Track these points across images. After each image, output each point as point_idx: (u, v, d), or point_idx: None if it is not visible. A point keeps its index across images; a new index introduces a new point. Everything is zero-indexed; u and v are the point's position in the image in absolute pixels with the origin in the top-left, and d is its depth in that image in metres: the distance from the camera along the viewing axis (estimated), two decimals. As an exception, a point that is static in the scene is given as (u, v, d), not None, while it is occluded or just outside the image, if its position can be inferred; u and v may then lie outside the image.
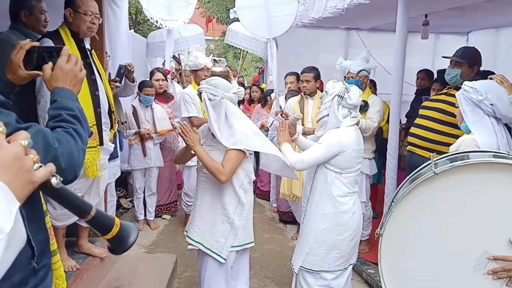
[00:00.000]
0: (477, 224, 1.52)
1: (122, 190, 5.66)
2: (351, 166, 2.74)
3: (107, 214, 1.20)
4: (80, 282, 2.80)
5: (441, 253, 1.58)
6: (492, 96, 2.29)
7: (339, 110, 2.71)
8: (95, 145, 2.79)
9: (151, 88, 4.71)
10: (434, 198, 1.62)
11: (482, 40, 6.51)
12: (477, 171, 1.55)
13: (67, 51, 1.45)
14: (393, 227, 1.67)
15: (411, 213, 1.65)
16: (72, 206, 1.09)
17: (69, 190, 1.07)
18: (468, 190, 1.56)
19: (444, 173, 1.58)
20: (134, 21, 9.30)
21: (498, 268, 1.47)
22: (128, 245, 1.20)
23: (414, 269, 1.65)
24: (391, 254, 1.69)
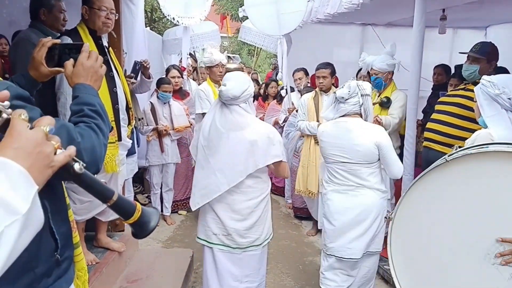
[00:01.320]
0: (487, 213, 1.51)
1: (138, 186, 5.73)
2: (325, 156, 2.90)
3: (129, 200, 1.23)
4: (99, 276, 2.86)
5: (450, 241, 1.58)
6: (510, 90, 2.26)
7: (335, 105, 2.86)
8: (114, 140, 2.83)
9: (169, 85, 4.76)
10: (445, 185, 1.61)
11: (501, 34, 6.40)
12: (489, 160, 1.54)
13: (88, 47, 1.48)
14: (404, 212, 1.68)
15: (421, 199, 1.65)
16: (95, 191, 1.12)
17: (92, 176, 1.10)
18: (479, 179, 1.54)
19: (456, 160, 1.57)
20: (149, 19, 9.38)
21: (506, 251, 1.46)
22: (149, 230, 1.24)
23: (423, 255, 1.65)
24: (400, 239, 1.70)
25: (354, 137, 2.74)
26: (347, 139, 2.75)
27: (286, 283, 3.74)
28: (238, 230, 2.68)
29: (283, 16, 5.33)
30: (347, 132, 2.76)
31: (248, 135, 2.61)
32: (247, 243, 2.72)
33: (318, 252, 4.34)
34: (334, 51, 6.96)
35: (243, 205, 2.67)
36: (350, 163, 2.76)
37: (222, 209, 2.68)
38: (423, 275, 1.65)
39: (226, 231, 2.70)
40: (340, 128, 2.80)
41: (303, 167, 4.64)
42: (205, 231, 2.77)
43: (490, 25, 6.68)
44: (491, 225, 1.49)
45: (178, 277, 3.34)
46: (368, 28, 6.82)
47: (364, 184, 2.78)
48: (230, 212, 2.68)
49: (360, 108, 2.80)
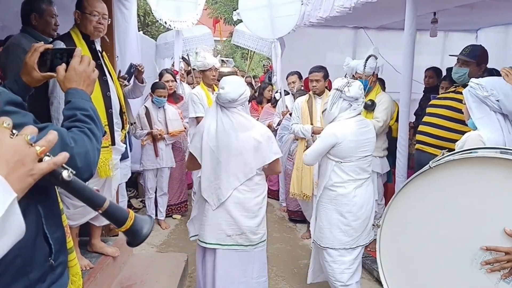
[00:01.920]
0: (473, 218, 1.52)
1: (132, 191, 5.71)
2: (349, 156, 2.95)
3: (121, 207, 1.23)
4: (93, 281, 2.85)
5: (438, 245, 1.59)
6: (498, 92, 2.29)
7: (338, 104, 2.94)
8: (108, 145, 2.83)
9: (163, 90, 4.76)
10: (430, 191, 1.63)
11: (492, 37, 6.47)
12: (472, 165, 1.55)
13: (80, 52, 1.49)
14: (392, 219, 1.69)
15: (408, 206, 1.67)
16: (85, 198, 1.13)
17: (82, 182, 1.10)
18: (463, 184, 1.56)
19: (440, 167, 1.59)
20: (142, 23, 9.37)
21: (491, 259, 1.47)
22: (142, 238, 1.23)
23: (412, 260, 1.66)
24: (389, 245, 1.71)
25: (369, 131, 3.04)
26: (370, 134, 3.03)
27: (281, 286, 3.75)
28: (251, 227, 2.80)
29: (277, 20, 5.37)
30: (365, 128, 3.01)
31: (254, 135, 2.77)
32: (258, 239, 2.84)
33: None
34: (327, 54, 6.99)
35: (253, 202, 2.81)
36: (369, 156, 3.05)
37: (236, 209, 2.78)
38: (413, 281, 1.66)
39: (241, 230, 2.79)
40: (362, 126, 3.00)
41: (298, 170, 4.65)
42: (217, 234, 2.81)
43: (480, 28, 6.74)
44: (476, 231, 1.51)
45: (172, 281, 3.34)
46: (361, 31, 6.87)
47: (370, 172, 3.12)
48: (243, 210, 2.79)
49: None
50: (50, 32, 2.98)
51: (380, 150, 4.17)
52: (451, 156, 1.64)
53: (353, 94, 2.88)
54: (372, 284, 3.74)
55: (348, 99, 2.90)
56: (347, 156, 2.94)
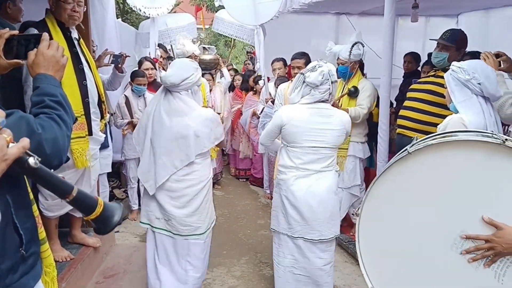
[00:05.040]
0: (453, 203, 1.50)
1: (115, 181, 5.64)
2: (294, 141, 2.83)
3: (90, 195, 1.20)
4: (74, 272, 2.82)
5: (418, 232, 1.56)
6: (479, 75, 2.29)
7: (301, 88, 2.84)
8: (84, 135, 2.79)
9: (143, 78, 4.67)
10: (409, 177, 1.61)
11: (472, 22, 6.49)
12: (450, 149, 1.53)
13: (47, 37, 1.44)
14: (370, 206, 1.67)
15: (387, 192, 1.64)
16: (53, 186, 1.10)
17: (48, 170, 1.08)
18: (442, 169, 1.53)
19: (418, 152, 1.57)
20: (121, 10, 9.19)
21: (472, 248, 1.47)
22: (112, 225, 1.21)
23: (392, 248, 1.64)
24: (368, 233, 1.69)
25: (330, 123, 2.82)
26: (323, 124, 2.81)
27: (265, 272, 3.76)
28: (177, 217, 2.78)
29: (260, 6, 5.31)
30: (323, 117, 2.82)
31: (191, 121, 2.70)
32: (187, 231, 2.79)
33: (296, 241, 4.37)
34: (311, 40, 6.95)
35: (182, 192, 2.77)
36: (322, 147, 2.83)
37: (162, 195, 2.77)
38: (393, 269, 1.64)
39: (168, 216, 2.79)
40: (314, 114, 2.82)
41: (280, 157, 4.64)
42: (147, 215, 2.86)
43: (461, 13, 6.76)
44: (455, 215, 1.49)
45: (155, 270, 3.31)
46: (343, 17, 6.83)
47: (329, 166, 2.89)
48: (170, 199, 2.77)
49: (329, 95, 2.87)
50: (20, 18, 2.91)
51: (361, 136, 4.18)
52: (430, 140, 1.63)
53: (311, 80, 2.76)
54: (355, 267, 3.78)
55: (309, 84, 2.79)
56: (291, 141, 2.85)
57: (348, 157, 4.12)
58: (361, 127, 4.17)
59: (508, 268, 1.40)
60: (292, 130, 2.80)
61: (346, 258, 3.98)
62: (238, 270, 3.76)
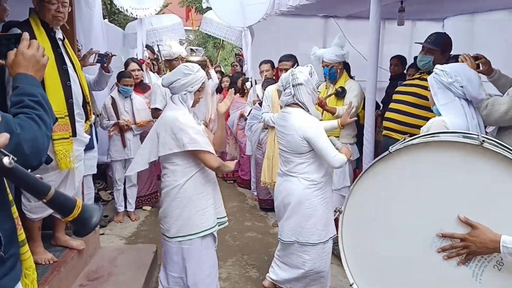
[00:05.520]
0: (432, 202, 1.53)
1: (101, 183, 5.59)
2: None
3: (68, 195, 1.19)
4: (57, 275, 2.78)
5: (398, 229, 1.60)
6: (462, 78, 2.32)
7: None
8: (68, 136, 2.75)
9: (129, 79, 4.65)
10: (390, 176, 1.64)
11: (458, 26, 6.58)
12: (431, 149, 1.56)
13: (27, 36, 1.43)
14: (353, 205, 1.70)
15: (369, 191, 1.68)
16: (29, 186, 1.09)
17: (24, 170, 1.06)
18: (421, 168, 1.57)
19: (399, 151, 1.60)
20: (109, 11, 9.13)
21: (447, 246, 1.49)
22: (91, 227, 1.20)
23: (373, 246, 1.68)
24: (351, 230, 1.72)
25: (287, 128, 2.92)
26: (284, 129, 2.95)
27: (251, 274, 3.76)
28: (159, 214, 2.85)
29: (248, 8, 5.32)
30: (285, 122, 2.95)
31: (156, 124, 2.79)
32: (167, 233, 2.77)
33: (283, 243, 4.38)
34: (298, 43, 6.97)
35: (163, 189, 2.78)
36: (284, 151, 3.00)
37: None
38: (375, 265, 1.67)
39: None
40: (282, 118, 3.01)
41: (268, 159, 4.65)
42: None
43: (447, 17, 6.85)
44: (434, 214, 1.52)
45: (140, 273, 3.30)
46: (330, 20, 6.88)
47: (293, 172, 2.98)
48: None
49: (293, 98, 2.92)
50: (4, 17, 2.86)
51: (349, 137, 4.21)
52: (411, 141, 1.65)
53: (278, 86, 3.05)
54: (340, 269, 3.78)
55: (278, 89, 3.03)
56: None
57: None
58: (350, 129, 4.20)
59: (486, 268, 1.42)
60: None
61: (332, 260, 3.98)
62: (225, 272, 3.75)
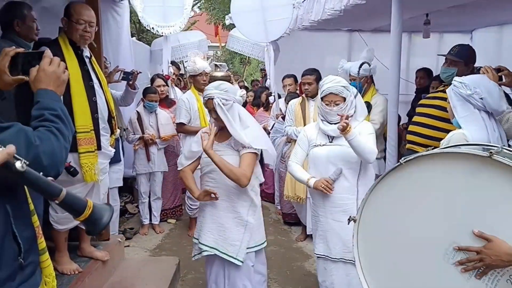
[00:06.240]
0: (443, 213, 1.52)
1: (128, 196, 5.72)
2: None
3: (79, 197, 1.25)
4: (81, 285, 2.85)
5: (411, 240, 1.60)
6: (481, 90, 2.29)
7: None
8: (93, 149, 2.84)
9: (155, 94, 4.78)
10: (402, 187, 1.64)
11: (486, 37, 6.48)
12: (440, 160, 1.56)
13: (50, 54, 1.50)
14: (367, 214, 1.70)
15: (382, 201, 1.69)
16: (41, 188, 1.14)
17: (36, 173, 1.12)
18: (432, 179, 1.56)
19: (409, 162, 1.60)
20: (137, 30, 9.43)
21: (464, 259, 1.46)
22: (101, 226, 1.26)
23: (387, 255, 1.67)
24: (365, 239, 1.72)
25: None
26: None
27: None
28: None
29: (270, 23, 5.39)
30: None
31: None
32: None
33: (306, 257, 4.35)
34: (323, 57, 6.99)
35: None
36: None
37: None
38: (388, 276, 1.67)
39: None
40: None
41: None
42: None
43: (475, 29, 6.75)
44: (446, 225, 1.51)
45: (163, 284, 3.33)
46: (355, 34, 6.88)
47: None
48: None
49: None
50: (33, 36, 3.00)
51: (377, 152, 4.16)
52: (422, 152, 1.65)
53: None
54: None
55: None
56: None
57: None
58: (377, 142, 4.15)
59: (499, 282, 1.39)
60: None
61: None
62: (246, 286, 3.74)
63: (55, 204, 1.18)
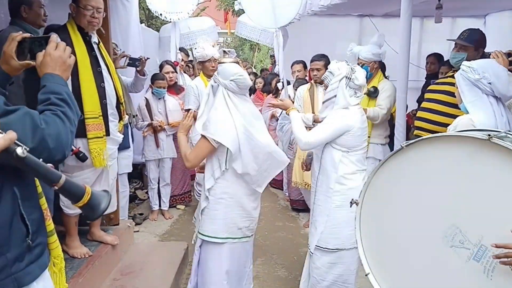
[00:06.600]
0: (443, 196, 1.52)
1: (138, 182, 5.79)
2: (358, 145, 2.76)
3: (78, 183, 1.27)
4: (91, 268, 2.91)
5: (411, 222, 1.61)
6: (489, 74, 2.26)
7: (347, 91, 2.73)
8: (102, 135, 2.88)
9: (163, 81, 4.80)
10: (403, 170, 1.66)
11: (501, 22, 6.33)
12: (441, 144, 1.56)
13: (55, 38, 1.52)
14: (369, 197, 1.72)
15: (383, 184, 1.71)
16: (41, 174, 1.17)
17: (36, 159, 1.15)
18: (432, 163, 1.57)
19: (410, 146, 1.61)
20: (147, 16, 9.42)
21: (501, 254, 1.39)
22: (99, 212, 1.29)
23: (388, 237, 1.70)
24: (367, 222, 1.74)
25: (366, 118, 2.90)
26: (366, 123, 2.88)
27: (280, 273, 3.78)
28: (256, 218, 2.78)
29: (279, 9, 5.33)
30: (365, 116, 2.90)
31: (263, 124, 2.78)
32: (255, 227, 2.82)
33: (313, 243, 4.37)
34: (334, 43, 6.89)
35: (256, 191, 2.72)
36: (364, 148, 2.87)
37: (248, 201, 2.67)
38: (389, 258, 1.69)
39: (250, 222, 2.70)
40: (361, 113, 2.83)
41: (299, 159, 4.66)
42: (228, 229, 2.65)
43: (489, 13, 6.61)
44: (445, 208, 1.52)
45: (171, 269, 3.39)
46: (366, 19, 6.79)
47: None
48: (253, 202, 2.70)
49: None
50: (41, 23, 3.02)
51: (382, 138, 4.15)
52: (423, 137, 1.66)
53: (361, 82, 2.70)
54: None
55: (354, 87, 2.72)
56: (355, 145, 2.74)
57: (368, 159, 4.06)
58: (382, 129, 4.14)
59: (497, 264, 1.39)
60: (357, 134, 2.73)
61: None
62: (254, 271, 3.75)
63: (55, 189, 1.21)
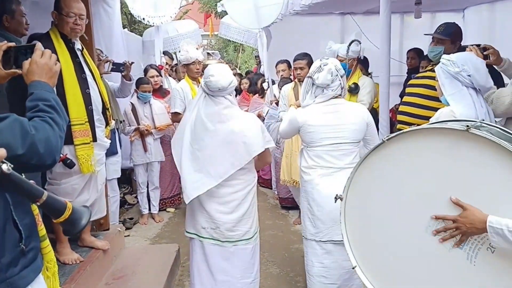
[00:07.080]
0: (424, 187, 1.57)
1: (127, 187, 5.78)
2: (314, 141, 2.84)
3: (60, 199, 1.28)
4: (83, 274, 2.91)
5: (394, 216, 1.65)
6: (469, 67, 2.32)
7: (313, 91, 2.84)
8: (88, 141, 2.88)
9: (148, 85, 4.81)
10: (385, 164, 1.70)
11: (479, 15, 6.46)
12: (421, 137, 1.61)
13: (41, 46, 1.54)
14: (353, 192, 1.75)
15: (367, 179, 1.74)
16: (24, 191, 1.18)
17: (20, 176, 1.16)
18: (413, 155, 1.61)
19: (392, 140, 1.65)
20: (129, 21, 9.40)
21: (441, 228, 1.52)
22: (80, 227, 1.30)
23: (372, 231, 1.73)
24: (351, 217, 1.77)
25: (346, 118, 2.83)
26: (342, 120, 2.82)
27: (272, 270, 3.82)
28: (226, 223, 2.69)
29: (262, 10, 5.38)
30: (341, 113, 2.83)
31: (236, 126, 2.62)
32: (237, 237, 2.73)
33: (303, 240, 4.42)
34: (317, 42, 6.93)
35: (230, 197, 2.69)
36: (342, 143, 2.82)
37: (209, 202, 2.67)
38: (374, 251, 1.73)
39: (215, 225, 2.69)
40: (331, 111, 2.83)
41: (287, 157, 4.72)
42: (194, 225, 2.78)
43: (467, 7, 6.73)
44: (427, 199, 1.56)
45: (163, 271, 3.40)
46: (348, 17, 6.87)
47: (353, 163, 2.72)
48: (217, 205, 2.68)
49: (342, 89, 2.90)
50: (23, 31, 3.00)
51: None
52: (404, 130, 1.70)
53: (321, 81, 2.77)
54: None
55: (320, 85, 2.80)
56: (310, 142, 2.85)
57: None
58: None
59: (480, 250, 1.45)
60: (309, 130, 2.82)
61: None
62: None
63: (37, 205, 1.22)
